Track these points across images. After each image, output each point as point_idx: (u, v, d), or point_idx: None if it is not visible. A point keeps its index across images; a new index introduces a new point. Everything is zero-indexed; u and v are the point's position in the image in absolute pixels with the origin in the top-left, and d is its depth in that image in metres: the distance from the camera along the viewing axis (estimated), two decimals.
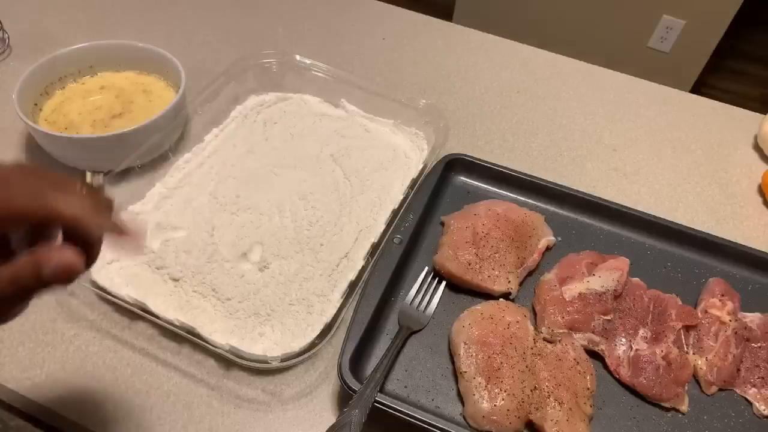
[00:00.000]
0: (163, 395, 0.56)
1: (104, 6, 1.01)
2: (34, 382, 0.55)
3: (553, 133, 0.89)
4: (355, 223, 0.69)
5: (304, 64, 0.83)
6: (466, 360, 0.57)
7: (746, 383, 0.61)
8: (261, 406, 0.56)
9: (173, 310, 0.59)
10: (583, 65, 1.02)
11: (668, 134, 0.91)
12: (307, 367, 0.59)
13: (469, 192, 0.76)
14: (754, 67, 2.66)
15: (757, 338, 0.64)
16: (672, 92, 0.99)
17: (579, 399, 0.56)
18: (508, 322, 0.60)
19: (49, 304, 0.61)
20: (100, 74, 0.80)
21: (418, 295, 0.64)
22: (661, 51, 2.19)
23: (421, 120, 0.80)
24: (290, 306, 0.60)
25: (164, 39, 0.96)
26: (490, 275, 0.64)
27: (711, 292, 0.66)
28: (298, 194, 0.71)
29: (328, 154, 0.76)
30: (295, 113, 0.82)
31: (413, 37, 1.04)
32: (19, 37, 0.92)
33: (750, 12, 2.26)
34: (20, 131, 0.78)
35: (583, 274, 0.65)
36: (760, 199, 0.83)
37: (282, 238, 0.66)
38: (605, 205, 0.73)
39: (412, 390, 0.57)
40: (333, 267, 0.64)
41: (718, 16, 2.03)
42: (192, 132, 0.78)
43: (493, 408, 0.54)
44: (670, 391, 0.58)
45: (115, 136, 0.68)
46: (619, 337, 0.62)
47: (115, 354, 0.58)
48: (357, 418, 0.50)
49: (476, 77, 0.97)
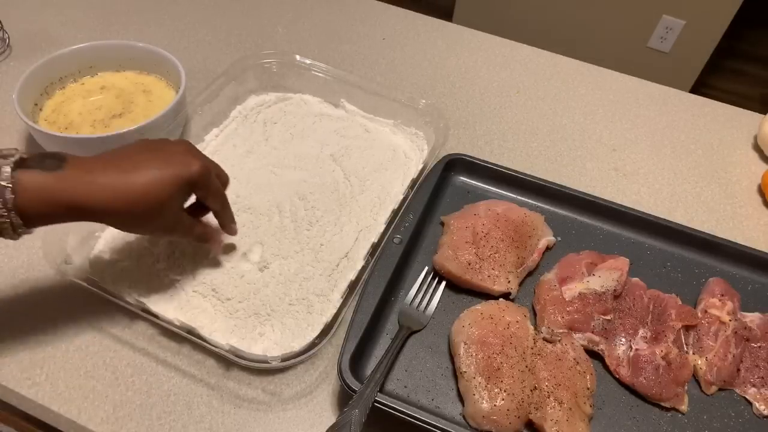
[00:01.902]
0: (163, 395, 0.56)
1: (104, 6, 1.01)
2: (34, 382, 0.55)
3: (553, 133, 0.89)
4: (355, 223, 0.69)
5: (304, 64, 0.83)
6: (466, 360, 0.57)
7: (746, 383, 0.61)
8: (261, 406, 0.56)
9: (173, 310, 0.59)
10: (583, 65, 1.02)
11: (668, 134, 0.91)
12: (307, 367, 0.59)
13: (469, 192, 0.76)
14: (753, 67, 2.66)
15: (756, 338, 0.64)
16: (672, 92, 0.99)
17: (579, 399, 0.56)
18: (508, 322, 0.60)
19: (50, 303, 0.61)
20: (100, 74, 0.80)
21: (418, 295, 0.64)
22: (661, 51, 2.19)
23: (421, 120, 0.80)
24: (290, 306, 0.60)
25: (164, 39, 0.96)
26: (490, 275, 0.64)
27: (711, 292, 0.66)
28: (298, 194, 0.71)
29: (328, 154, 0.76)
30: (295, 113, 0.82)
31: (413, 37, 1.04)
32: (19, 37, 0.92)
33: (750, 12, 2.26)
34: (20, 131, 0.78)
35: (582, 274, 0.65)
36: (760, 199, 0.83)
37: (282, 238, 0.66)
38: (605, 205, 0.73)
39: (412, 390, 0.57)
40: (333, 267, 0.64)
41: (718, 16, 2.03)
42: (192, 132, 0.78)
43: (493, 408, 0.54)
44: (669, 391, 0.58)
45: (115, 136, 0.68)
46: (619, 337, 0.62)
47: (115, 354, 0.58)
48: (357, 418, 0.50)
49: (476, 77, 0.97)
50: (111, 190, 0.48)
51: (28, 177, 0.45)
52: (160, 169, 0.50)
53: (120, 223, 0.52)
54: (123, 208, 0.49)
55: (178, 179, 0.51)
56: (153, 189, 0.49)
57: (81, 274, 0.59)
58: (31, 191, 0.45)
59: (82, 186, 0.47)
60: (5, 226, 0.45)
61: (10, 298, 0.61)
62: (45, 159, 0.47)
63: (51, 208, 0.46)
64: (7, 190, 0.44)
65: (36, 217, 0.46)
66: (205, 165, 0.54)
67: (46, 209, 0.46)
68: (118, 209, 0.49)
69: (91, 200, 0.47)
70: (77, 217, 0.49)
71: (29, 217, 0.46)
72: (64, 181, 0.46)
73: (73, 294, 0.61)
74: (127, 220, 0.51)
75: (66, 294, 0.61)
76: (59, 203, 0.46)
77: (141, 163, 0.50)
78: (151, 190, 0.49)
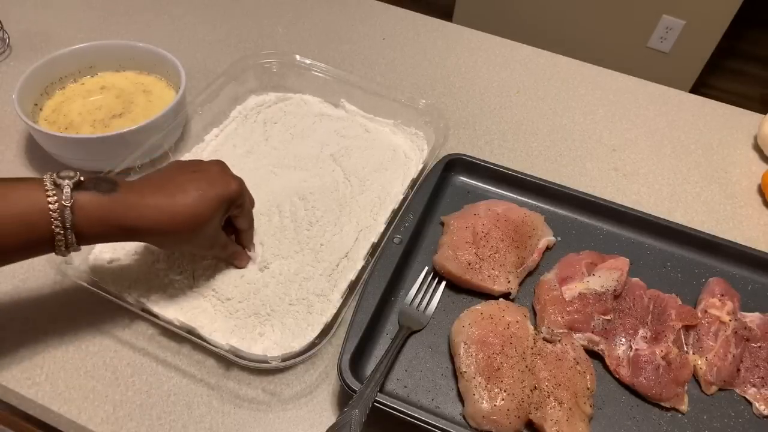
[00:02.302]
0: (164, 395, 0.56)
1: (104, 6, 1.01)
2: (34, 382, 0.55)
3: (553, 133, 0.89)
4: (355, 223, 0.69)
5: (304, 64, 0.83)
6: (466, 360, 0.57)
7: (746, 383, 0.61)
8: (261, 406, 0.56)
9: (173, 310, 0.59)
10: (583, 65, 1.02)
11: (668, 134, 0.91)
12: (307, 367, 0.59)
13: (469, 192, 0.76)
14: (753, 67, 2.66)
15: (756, 338, 0.64)
16: (672, 92, 0.99)
17: (579, 399, 0.56)
18: (508, 322, 0.60)
19: (50, 303, 0.61)
20: (100, 74, 0.80)
21: (418, 295, 0.64)
22: (661, 51, 2.19)
23: (421, 120, 0.80)
24: (290, 306, 0.60)
25: (164, 39, 0.96)
26: (490, 275, 0.64)
27: (711, 292, 0.66)
28: (298, 194, 0.71)
29: (328, 154, 0.76)
30: (295, 113, 0.82)
31: (413, 37, 1.04)
32: (19, 37, 0.92)
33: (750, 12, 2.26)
34: (20, 131, 0.78)
35: (582, 274, 0.65)
36: (759, 199, 0.83)
37: (282, 238, 0.66)
38: (605, 205, 0.73)
39: (412, 390, 0.57)
40: (333, 267, 0.64)
41: (718, 16, 2.03)
42: (192, 132, 0.78)
43: (493, 408, 0.54)
44: (669, 391, 0.58)
45: (115, 136, 0.68)
46: (619, 337, 0.62)
47: (115, 354, 0.58)
48: (357, 417, 0.50)
49: (476, 77, 0.97)
50: (161, 212, 0.51)
51: (85, 198, 0.48)
52: (203, 190, 0.53)
53: (166, 241, 0.56)
54: (171, 228, 0.52)
55: (220, 198, 0.55)
56: (198, 209, 0.53)
57: (81, 275, 0.59)
58: (89, 211, 0.48)
59: (135, 208, 0.50)
60: (60, 244, 0.48)
61: (10, 298, 0.61)
62: (100, 182, 0.50)
63: (105, 228, 0.50)
64: (67, 209, 0.47)
65: (90, 237, 0.50)
66: (241, 184, 0.58)
67: (101, 229, 0.49)
68: (167, 229, 0.52)
69: (143, 221, 0.51)
70: (127, 237, 0.53)
71: (83, 236, 0.49)
72: (119, 203, 0.49)
73: (73, 294, 0.61)
74: (173, 238, 0.54)
75: (66, 294, 0.61)
76: (113, 224, 0.50)
77: (184, 184, 0.53)
78: (197, 210, 0.53)
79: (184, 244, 0.57)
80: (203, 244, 0.57)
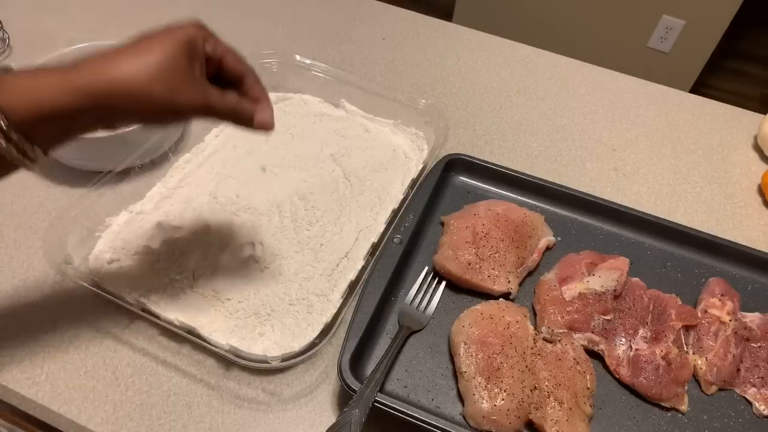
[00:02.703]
0: (164, 395, 0.56)
1: (104, 6, 1.01)
2: (34, 382, 0.55)
3: (553, 133, 0.89)
4: (355, 223, 0.69)
5: (304, 64, 0.83)
6: (466, 360, 0.57)
7: (746, 383, 0.61)
8: (261, 406, 0.56)
9: (173, 310, 0.59)
10: (583, 65, 1.02)
11: (668, 134, 0.91)
12: (307, 367, 0.59)
13: (469, 192, 0.76)
14: (753, 67, 2.66)
15: (756, 338, 0.64)
16: (672, 92, 0.99)
17: (579, 399, 0.56)
18: (508, 322, 0.60)
19: (50, 303, 0.61)
20: None
21: (418, 295, 0.64)
22: (661, 51, 2.19)
23: (421, 120, 0.80)
24: (290, 306, 0.60)
25: None
26: (490, 275, 0.64)
27: (711, 291, 0.66)
28: (298, 194, 0.71)
29: (328, 154, 0.76)
30: (295, 113, 0.82)
31: (413, 37, 1.04)
32: (19, 37, 0.92)
33: (750, 12, 2.26)
34: None
35: (582, 274, 0.65)
36: (759, 199, 0.83)
37: (282, 238, 0.66)
38: (605, 205, 0.73)
39: (412, 390, 0.57)
40: (333, 267, 0.64)
41: (718, 16, 2.03)
42: (192, 132, 0.78)
43: (493, 408, 0.54)
44: (669, 391, 0.58)
45: (115, 136, 0.68)
46: (619, 337, 0.62)
47: (115, 354, 0.58)
48: (357, 417, 0.50)
49: (476, 77, 0.97)
50: (127, 65, 0.45)
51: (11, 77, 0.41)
52: (159, 41, 0.48)
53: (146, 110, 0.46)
54: (145, 83, 0.45)
55: (178, 41, 0.48)
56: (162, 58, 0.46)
57: (81, 274, 0.59)
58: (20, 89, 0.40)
59: (98, 69, 0.44)
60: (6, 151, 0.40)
61: (10, 298, 0.61)
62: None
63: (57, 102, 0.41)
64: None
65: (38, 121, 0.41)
66: (197, 23, 0.52)
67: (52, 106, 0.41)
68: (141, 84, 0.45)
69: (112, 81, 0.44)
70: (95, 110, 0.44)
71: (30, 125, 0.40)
72: (75, 71, 0.43)
73: (73, 294, 0.61)
74: (152, 102, 0.46)
75: (66, 294, 0.61)
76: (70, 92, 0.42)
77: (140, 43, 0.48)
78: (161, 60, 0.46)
79: (171, 106, 0.47)
80: (192, 100, 0.48)
